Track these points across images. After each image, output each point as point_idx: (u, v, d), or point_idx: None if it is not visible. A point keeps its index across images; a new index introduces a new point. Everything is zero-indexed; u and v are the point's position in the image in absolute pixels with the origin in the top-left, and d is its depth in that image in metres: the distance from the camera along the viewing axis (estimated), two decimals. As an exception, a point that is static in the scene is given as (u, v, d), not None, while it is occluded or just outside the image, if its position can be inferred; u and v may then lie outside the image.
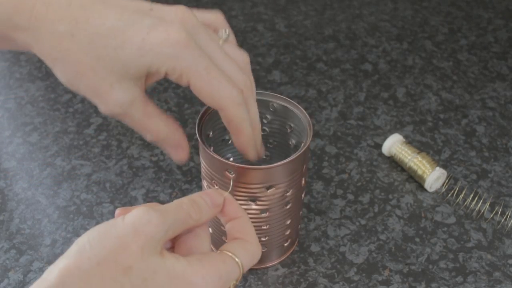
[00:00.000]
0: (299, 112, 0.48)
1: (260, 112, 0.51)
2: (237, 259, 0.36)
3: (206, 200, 0.37)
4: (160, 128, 0.38)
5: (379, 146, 0.66)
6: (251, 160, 0.43)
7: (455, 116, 0.71)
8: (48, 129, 0.68)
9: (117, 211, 0.37)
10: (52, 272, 0.31)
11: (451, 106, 0.72)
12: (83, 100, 0.72)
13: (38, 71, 0.77)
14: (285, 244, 0.52)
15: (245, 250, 0.37)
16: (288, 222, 0.49)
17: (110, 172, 0.62)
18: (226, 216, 0.40)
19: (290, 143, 0.52)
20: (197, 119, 0.46)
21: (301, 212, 0.53)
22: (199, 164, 0.59)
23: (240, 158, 0.55)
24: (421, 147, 0.66)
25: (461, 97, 0.74)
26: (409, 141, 0.67)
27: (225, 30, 0.40)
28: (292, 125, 0.50)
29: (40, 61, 0.79)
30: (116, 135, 0.67)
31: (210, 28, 0.40)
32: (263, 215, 0.47)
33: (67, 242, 0.55)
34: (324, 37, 0.85)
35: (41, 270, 0.53)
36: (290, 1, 0.93)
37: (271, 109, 0.50)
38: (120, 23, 0.35)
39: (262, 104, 0.50)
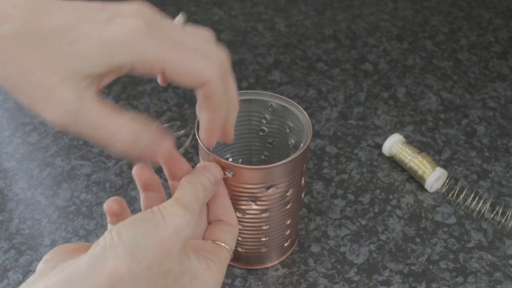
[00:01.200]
0: (299, 112, 0.48)
1: (259, 112, 0.51)
2: (229, 249, 0.40)
3: (211, 180, 0.39)
4: (127, 125, 0.33)
5: (379, 146, 0.66)
6: (225, 143, 0.42)
7: (455, 116, 0.71)
8: (48, 129, 0.68)
9: (110, 202, 0.40)
10: (100, 271, 0.31)
11: (451, 106, 0.72)
12: (83, 100, 0.72)
13: (38, 71, 0.77)
14: (285, 244, 0.52)
15: (233, 236, 0.41)
16: (288, 222, 0.49)
17: (110, 172, 0.62)
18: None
19: (289, 143, 0.52)
20: (197, 119, 0.46)
21: (301, 212, 0.52)
22: (199, 164, 0.59)
23: (239, 158, 0.55)
24: (421, 147, 0.66)
25: (462, 97, 0.74)
26: (410, 141, 0.67)
27: (180, 16, 0.38)
28: (291, 125, 0.50)
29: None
30: (116, 135, 0.67)
31: None
32: (263, 215, 0.47)
33: (67, 242, 0.55)
34: (324, 37, 0.85)
35: (41, 271, 0.52)
36: (290, 1, 0.93)
37: (270, 109, 0.50)
38: (73, 19, 0.32)
39: (261, 104, 0.50)
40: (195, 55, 0.34)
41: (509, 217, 0.57)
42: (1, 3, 0.32)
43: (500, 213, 0.58)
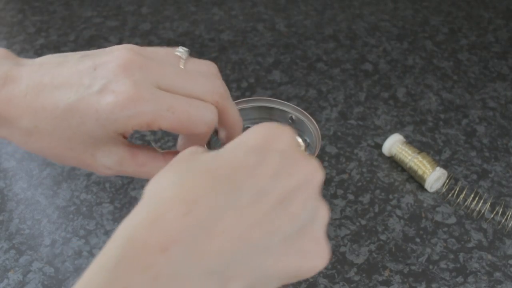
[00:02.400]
0: (311, 125, 0.48)
1: (279, 122, 0.51)
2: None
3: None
4: (161, 169, 0.39)
5: (379, 146, 0.66)
6: None
7: (455, 116, 0.71)
8: (48, 129, 0.68)
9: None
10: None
11: (451, 106, 0.72)
12: (83, 100, 0.72)
13: (38, 71, 0.77)
14: None
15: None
16: None
17: (110, 172, 0.62)
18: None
19: None
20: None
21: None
22: (199, 164, 0.59)
23: None
24: (421, 147, 0.66)
25: (462, 97, 0.74)
26: (410, 141, 0.67)
27: (181, 49, 0.39)
28: (307, 140, 0.50)
29: (40, 61, 0.79)
30: (116, 135, 0.67)
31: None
32: None
33: (67, 242, 0.55)
34: (324, 37, 0.85)
35: (41, 271, 0.52)
36: (290, 1, 0.93)
37: (290, 121, 0.50)
38: (71, 100, 0.35)
39: (282, 115, 0.50)
40: (190, 110, 0.36)
41: (509, 217, 0.57)
42: (15, 91, 0.36)
43: (500, 213, 0.58)
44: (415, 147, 0.63)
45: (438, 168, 0.59)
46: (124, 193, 0.60)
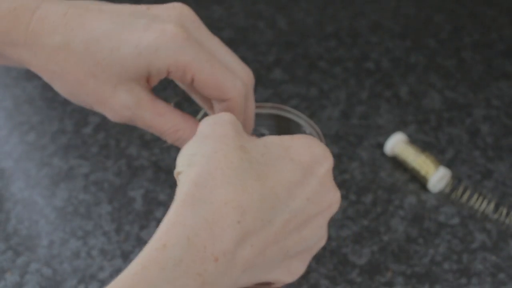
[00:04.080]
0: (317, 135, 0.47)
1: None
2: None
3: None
4: (178, 124, 0.37)
5: (381, 145, 0.65)
6: None
7: (459, 115, 0.70)
8: (46, 128, 0.67)
9: None
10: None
11: (455, 105, 0.71)
12: (82, 99, 0.71)
13: (36, 69, 0.76)
14: None
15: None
16: None
17: (109, 172, 0.61)
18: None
19: None
20: (199, 116, 0.46)
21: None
22: (198, 164, 0.58)
23: None
24: (424, 147, 0.65)
25: (465, 96, 0.73)
26: (412, 140, 0.66)
27: None
28: None
29: (38, 59, 0.78)
30: (114, 134, 0.66)
31: None
32: None
33: (65, 243, 0.54)
34: (325, 35, 0.84)
35: (38, 272, 0.52)
36: (292, -1, 0.92)
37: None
38: (115, 26, 0.34)
39: (296, 128, 0.49)
40: (226, 71, 0.36)
41: (513, 217, 0.57)
42: (53, 9, 0.35)
43: (504, 213, 0.57)
44: (418, 146, 0.62)
45: (441, 168, 0.58)
46: (122, 193, 0.59)
